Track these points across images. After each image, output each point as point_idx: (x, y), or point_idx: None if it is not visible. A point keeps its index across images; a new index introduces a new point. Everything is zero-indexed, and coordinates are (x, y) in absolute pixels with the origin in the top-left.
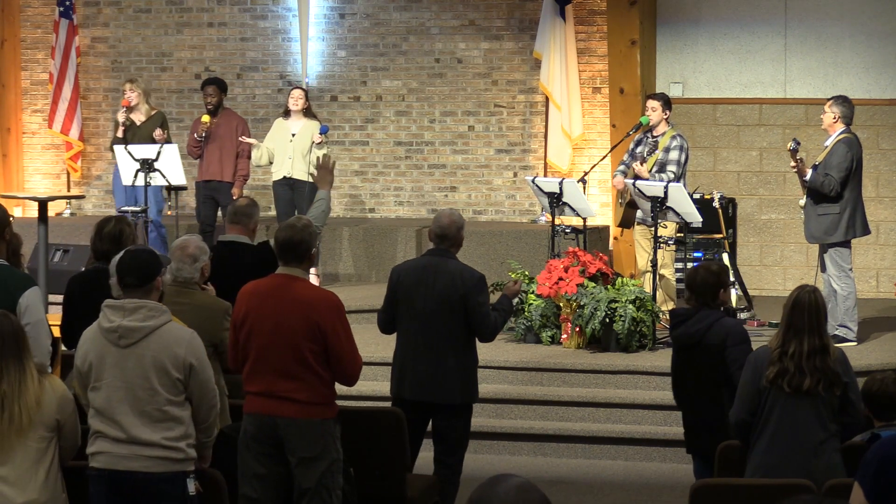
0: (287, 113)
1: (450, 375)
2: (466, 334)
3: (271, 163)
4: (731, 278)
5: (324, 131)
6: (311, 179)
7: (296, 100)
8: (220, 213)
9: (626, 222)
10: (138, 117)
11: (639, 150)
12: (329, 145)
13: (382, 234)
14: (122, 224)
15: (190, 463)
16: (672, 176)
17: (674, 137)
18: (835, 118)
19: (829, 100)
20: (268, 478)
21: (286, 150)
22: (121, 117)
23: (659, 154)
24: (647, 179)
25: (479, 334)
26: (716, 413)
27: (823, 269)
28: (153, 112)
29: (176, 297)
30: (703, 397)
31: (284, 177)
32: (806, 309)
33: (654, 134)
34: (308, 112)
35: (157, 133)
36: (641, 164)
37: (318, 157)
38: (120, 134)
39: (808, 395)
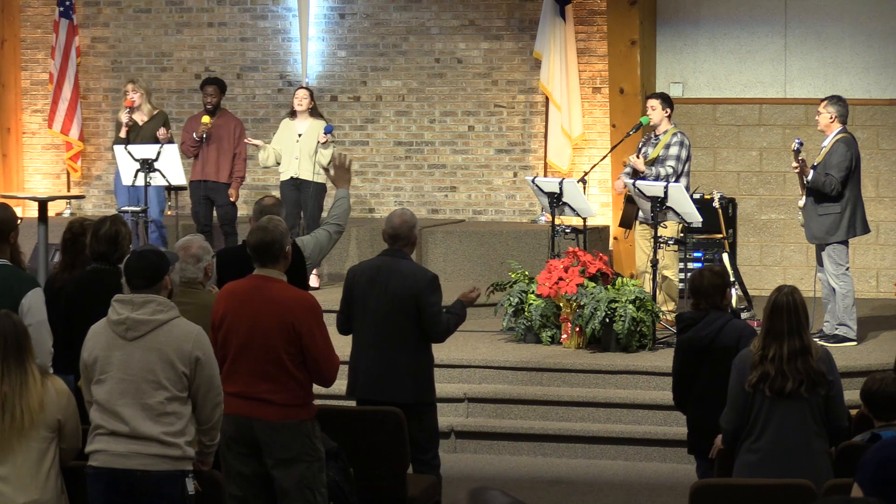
0: (293, 113)
1: (402, 375)
2: (419, 334)
3: (278, 164)
4: (731, 278)
5: (328, 131)
6: (316, 179)
7: (300, 100)
8: (215, 213)
9: (627, 221)
10: (140, 117)
11: (642, 151)
12: (332, 145)
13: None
14: (118, 224)
15: (188, 462)
16: (671, 171)
17: (675, 134)
18: (831, 118)
19: (823, 100)
20: (251, 477)
21: (293, 150)
22: (124, 118)
23: (660, 150)
24: (643, 172)
25: (430, 334)
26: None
27: (821, 267)
28: (155, 112)
29: (180, 297)
30: (712, 399)
31: (292, 177)
32: (784, 311)
33: (657, 133)
34: (314, 112)
35: (162, 132)
36: (638, 156)
37: (333, 157)
38: (123, 134)
39: (791, 397)
